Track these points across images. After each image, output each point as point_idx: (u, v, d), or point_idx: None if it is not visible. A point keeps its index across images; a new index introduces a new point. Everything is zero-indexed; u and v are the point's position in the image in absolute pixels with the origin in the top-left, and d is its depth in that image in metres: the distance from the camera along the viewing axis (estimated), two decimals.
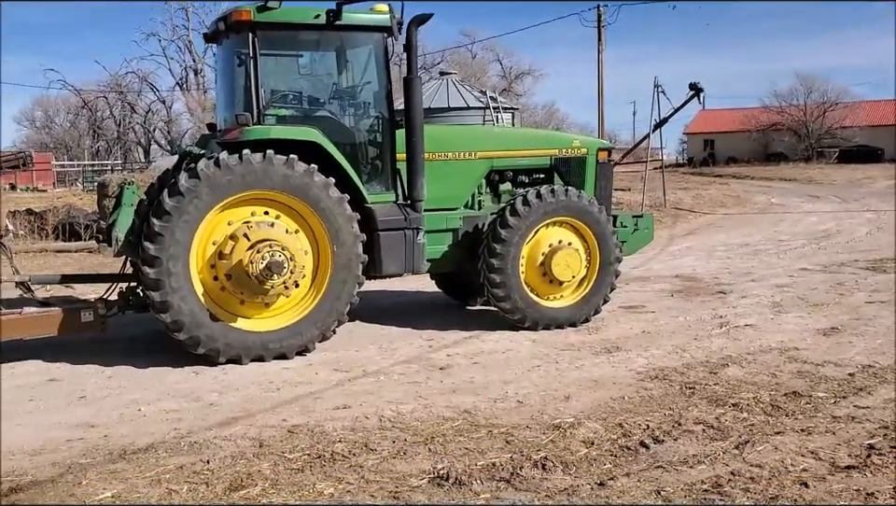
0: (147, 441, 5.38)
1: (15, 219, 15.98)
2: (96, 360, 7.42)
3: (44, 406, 6.24)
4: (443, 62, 49.94)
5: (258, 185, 7.28)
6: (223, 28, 7.84)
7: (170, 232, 7.01)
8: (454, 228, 8.46)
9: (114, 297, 7.88)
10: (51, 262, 13.45)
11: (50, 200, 26.22)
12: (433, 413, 5.89)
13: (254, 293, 7.32)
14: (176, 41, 56.26)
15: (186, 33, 55.91)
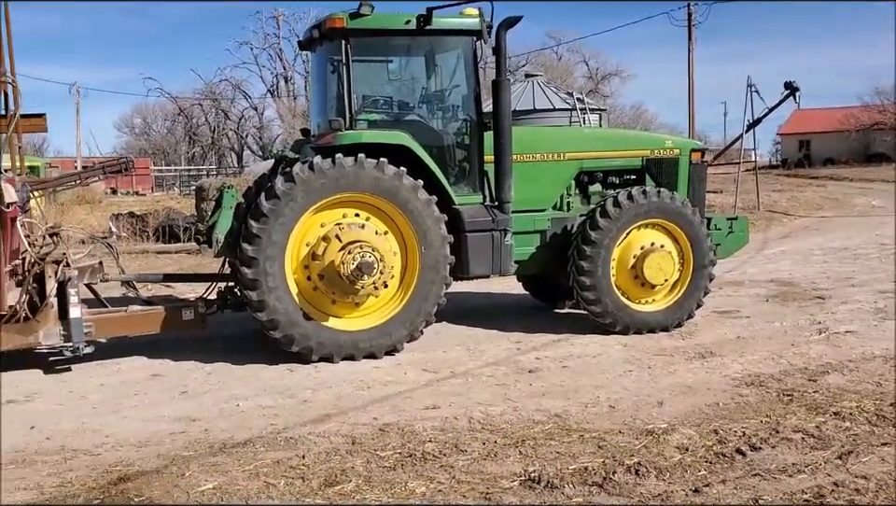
0: (246, 435, 5.56)
1: (118, 222, 16.74)
2: (197, 357, 7.71)
3: (148, 400, 6.52)
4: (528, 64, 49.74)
5: (349, 188, 7.44)
6: (317, 35, 8.05)
7: (267, 234, 7.23)
8: (542, 229, 8.43)
9: (213, 296, 8.17)
10: (153, 263, 14.04)
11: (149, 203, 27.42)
12: (523, 416, 5.88)
13: (345, 293, 7.47)
14: (268, 49, 57.91)
15: (277, 41, 57.49)
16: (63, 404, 6.45)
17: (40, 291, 7.25)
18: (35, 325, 7.16)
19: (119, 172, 17.15)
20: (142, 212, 18.90)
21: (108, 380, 7.12)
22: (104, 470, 4.99)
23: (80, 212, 20.20)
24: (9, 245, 7.08)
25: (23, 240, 7.32)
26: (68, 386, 6.94)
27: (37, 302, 7.23)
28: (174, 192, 44.62)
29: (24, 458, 5.24)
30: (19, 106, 7.40)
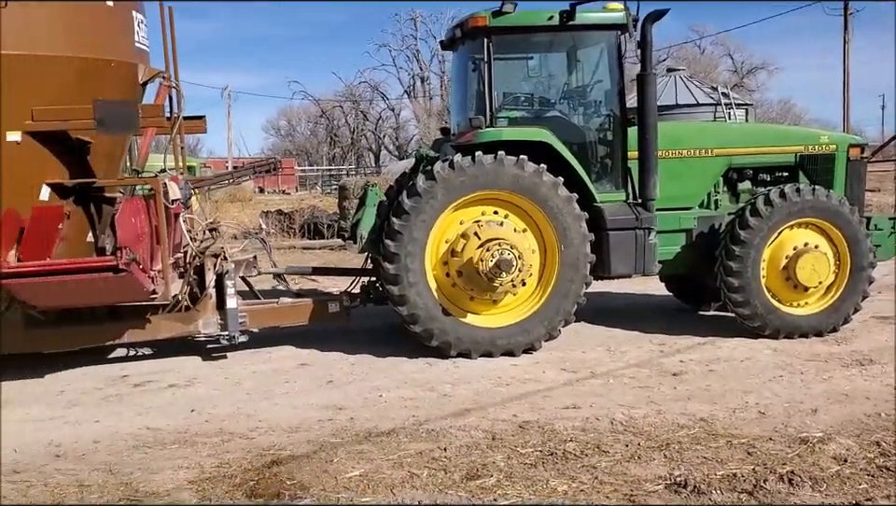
0: (389, 425, 5.71)
1: (267, 219, 17.58)
2: (341, 348, 7.99)
3: (297, 388, 6.81)
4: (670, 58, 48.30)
5: (489, 185, 7.48)
6: (459, 35, 8.14)
7: (408, 231, 7.38)
8: (687, 228, 8.17)
9: (356, 290, 8.44)
10: (298, 258, 14.67)
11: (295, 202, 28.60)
12: (667, 419, 5.72)
13: (483, 290, 7.52)
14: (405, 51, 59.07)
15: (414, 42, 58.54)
16: (219, 389, 6.84)
17: (200, 283, 7.72)
18: (196, 314, 7.63)
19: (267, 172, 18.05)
20: (288, 210, 19.78)
21: (260, 368, 7.50)
22: (258, 453, 5.26)
23: (232, 209, 21.39)
24: (173, 238, 7.58)
25: (185, 234, 7.81)
26: (224, 373, 7.35)
27: (197, 292, 7.70)
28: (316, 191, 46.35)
29: (186, 439, 5.60)
30: (182, 110, 7.83)
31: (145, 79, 7.79)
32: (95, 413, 6.29)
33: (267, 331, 8.23)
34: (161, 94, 7.88)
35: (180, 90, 8.13)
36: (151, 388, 6.94)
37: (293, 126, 72.63)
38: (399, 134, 61.74)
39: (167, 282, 7.10)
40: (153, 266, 6.99)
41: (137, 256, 6.46)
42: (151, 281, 6.77)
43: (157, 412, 6.24)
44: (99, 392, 6.88)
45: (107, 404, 6.52)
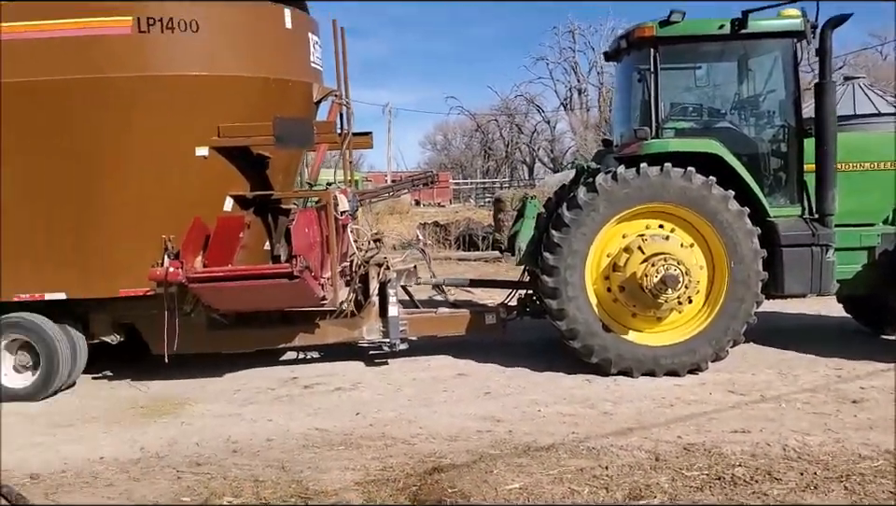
0: (548, 440, 5.67)
1: (424, 231, 17.98)
2: (498, 360, 8.02)
3: (455, 397, 6.90)
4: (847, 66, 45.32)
5: (654, 198, 7.30)
6: (624, 46, 8.01)
7: (568, 244, 7.32)
8: (869, 246, 7.60)
9: (513, 303, 8.46)
10: (454, 269, 14.89)
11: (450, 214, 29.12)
12: (846, 448, 5.35)
13: (646, 307, 7.33)
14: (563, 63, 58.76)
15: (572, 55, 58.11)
16: (382, 394, 7.05)
17: (364, 291, 8.01)
18: (360, 321, 7.92)
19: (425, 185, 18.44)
20: (444, 222, 20.15)
21: (420, 375, 7.66)
22: (419, 459, 5.37)
23: (391, 221, 22.04)
24: (341, 248, 7.91)
25: (352, 244, 8.13)
26: (386, 379, 7.57)
27: (362, 300, 7.99)
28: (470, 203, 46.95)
29: (351, 441, 5.81)
30: (351, 126, 8.18)
31: (318, 98, 8.21)
32: (269, 411, 6.65)
33: (425, 340, 8.41)
34: (333, 112, 8.26)
35: (350, 107, 8.50)
36: (319, 390, 7.25)
37: (449, 140, 74.01)
38: (555, 147, 61.40)
39: (335, 289, 7.42)
40: (323, 274, 7.32)
41: (310, 264, 6.79)
42: (321, 288, 7.09)
43: (324, 413, 6.52)
44: (272, 392, 7.27)
45: (279, 404, 6.88)
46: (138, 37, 6.77)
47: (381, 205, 25.22)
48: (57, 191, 7.02)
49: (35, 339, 7.27)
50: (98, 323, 7.75)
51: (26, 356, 7.41)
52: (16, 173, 6.96)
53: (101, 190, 7.02)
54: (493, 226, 18.05)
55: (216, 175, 7.33)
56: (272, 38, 7.47)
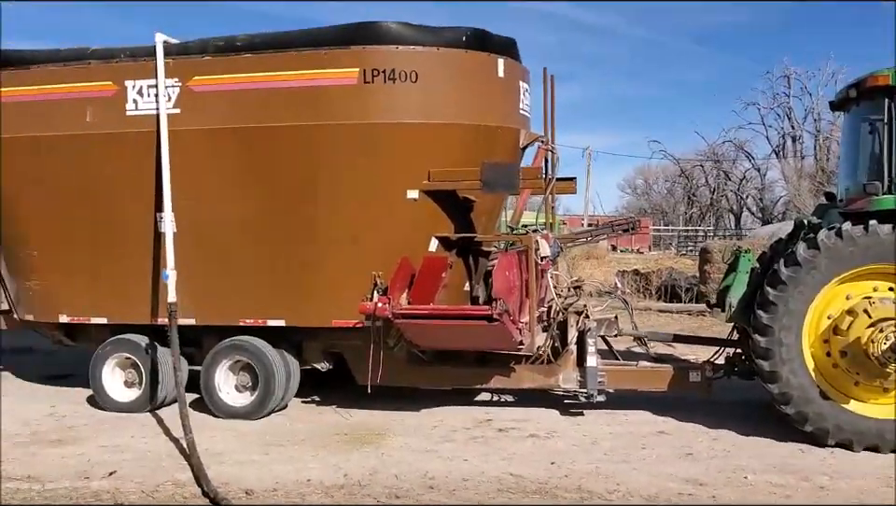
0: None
1: (623, 279, 17.60)
2: (701, 420, 7.64)
3: (655, 456, 6.64)
4: None
5: (883, 258, 6.73)
6: (854, 95, 7.48)
7: (784, 302, 6.88)
8: None
9: (720, 361, 8.05)
10: (654, 321, 14.43)
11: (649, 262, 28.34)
12: None
13: (872, 375, 6.72)
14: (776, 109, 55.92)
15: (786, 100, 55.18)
16: (577, 445, 6.93)
17: (562, 338, 7.95)
18: (556, 368, 7.86)
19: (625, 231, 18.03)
20: (645, 270, 19.63)
21: (617, 429, 7.46)
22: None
23: (588, 266, 21.76)
24: (539, 293, 7.92)
25: (551, 290, 8.12)
26: (582, 430, 7.44)
27: (559, 347, 7.93)
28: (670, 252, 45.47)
29: (546, 490, 5.76)
30: (556, 172, 8.23)
31: (525, 143, 8.34)
32: (464, 451, 6.74)
33: (623, 393, 8.18)
34: (538, 157, 8.37)
35: (556, 153, 8.57)
36: (513, 435, 7.26)
37: (650, 185, 72.35)
38: (764, 196, 58.27)
39: (533, 334, 7.43)
40: (521, 318, 7.37)
41: (509, 307, 6.86)
42: (519, 332, 7.13)
43: (519, 459, 6.50)
44: (467, 432, 7.37)
45: (475, 445, 6.95)
46: (363, 88, 7.24)
47: (577, 250, 24.99)
48: (281, 228, 7.61)
49: (256, 361, 7.87)
50: (310, 350, 8.27)
51: (246, 376, 8.04)
52: (247, 210, 7.63)
53: (320, 228, 7.52)
54: (698, 277, 17.32)
55: (424, 216, 7.63)
56: (484, 87, 7.70)
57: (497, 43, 7.78)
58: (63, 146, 7.93)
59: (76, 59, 7.94)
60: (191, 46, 7.71)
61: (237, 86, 7.49)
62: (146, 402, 8.18)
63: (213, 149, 7.59)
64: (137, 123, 7.72)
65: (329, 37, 7.37)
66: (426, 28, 7.43)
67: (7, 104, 8.05)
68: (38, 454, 6.77)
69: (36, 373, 10.17)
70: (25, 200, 8.24)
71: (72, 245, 8.19)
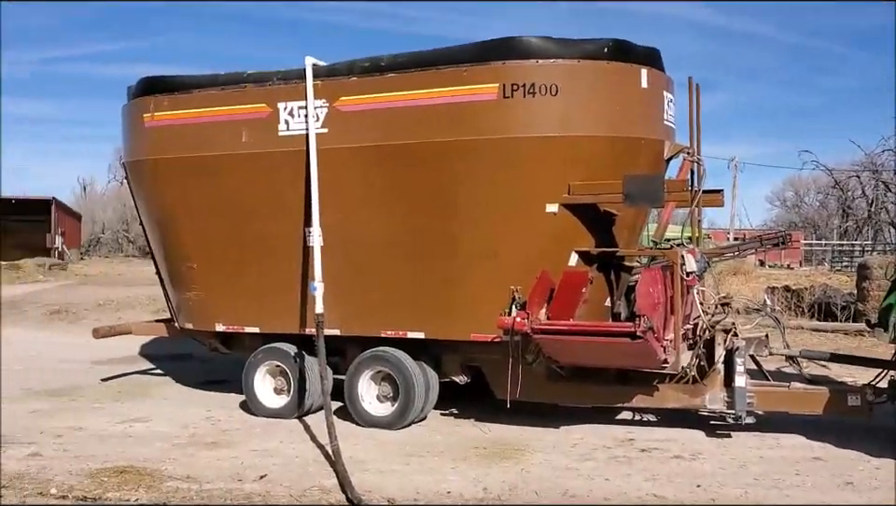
0: None
1: (773, 295, 16.74)
2: (860, 447, 7.13)
3: (810, 483, 6.26)
4: None
5: None
6: None
7: None
8: None
9: (883, 384, 7.50)
10: (806, 340, 13.62)
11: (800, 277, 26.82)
12: None
13: None
14: None
15: None
16: (724, 469, 6.64)
17: (709, 357, 7.64)
18: (702, 388, 7.57)
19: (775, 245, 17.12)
20: (796, 287, 18.58)
21: (768, 454, 7.08)
22: None
23: (734, 282, 20.84)
24: (685, 310, 7.66)
25: (698, 307, 7.83)
26: (729, 452, 7.12)
27: (705, 366, 7.63)
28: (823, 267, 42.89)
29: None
30: (702, 184, 7.95)
31: (669, 155, 8.12)
32: (605, 470, 6.60)
33: (774, 415, 7.77)
34: (684, 169, 8.12)
35: (702, 164, 8.29)
36: (657, 456, 7.04)
37: (800, 197, 68.65)
38: None
39: (678, 352, 7.19)
40: (665, 335, 7.14)
41: (653, 324, 6.67)
42: (664, 350, 6.92)
43: (663, 480, 6.30)
44: (608, 451, 7.21)
45: (616, 464, 6.79)
46: (503, 103, 7.28)
47: (723, 265, 23.96)
48: (422, 242, 7.75)
49: (396, 372, 8.04)
50: (449, 363, 8.36)
51: (388, 387, 8.22)
52: (390, 225, 7.83)
53: (461, 241, 7.61)
54: (855, 295, 16.21)
55: (563, 230, 7.57)
56: (627, 98, 7.57)
57: (639, 53, 7.64)
58: (221, 165, 8.44)
59: (233, 83, 8.43)
60: (339, 67, 8.02)
61: (381, 105, 7.72)
62: (294, 409, 8.53)
63: (358, 167, 7.85)
64: (288, 143, 8.11)
65: (469, 54, 7.47)
66: (566, 41, 7.39)
67: (171, 126, 8.67)
68: (196, 455, 7.18)
69: (194, 379, 10.83)
70: (185, 216, 8.83)
71: (227, 259, 8.69)
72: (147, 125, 8.82)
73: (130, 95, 9.22)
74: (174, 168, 8.71)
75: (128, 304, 19.72)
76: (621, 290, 8.39)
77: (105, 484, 6.30)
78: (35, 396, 9.92)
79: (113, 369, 11.79)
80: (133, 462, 6.90)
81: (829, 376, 9.43)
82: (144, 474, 6.55)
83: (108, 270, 37.18)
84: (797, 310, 16.39)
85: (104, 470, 6.65)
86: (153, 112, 8.76)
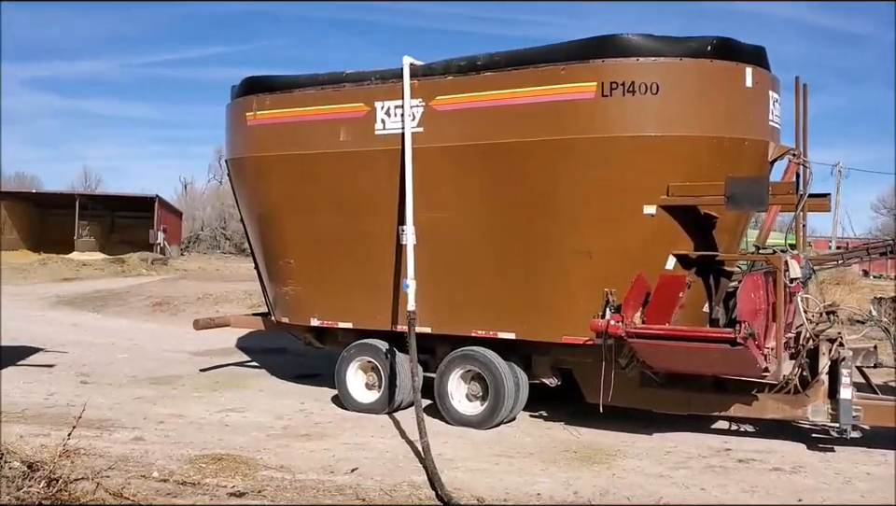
0: None
1: (881, 306, 15.94)
2: None
3: None
4: None
5: None
6: None
7: None
8: None
9: None
10: None
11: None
12: None
13: None
14: None
15: None
16: (827, 484, 6.34)
17: (812, 367, 7.33)
18: (804, 399, 7.26)
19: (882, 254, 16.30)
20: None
21: (875, 470, 6.73)
22: None
23: (838, 292, 19.97)
24: (787, 317, 7.37)
25: (801, 315, 7.52)
26: (832, 467, 6.80)
27: (808, 377, 7.32)
28: None
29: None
30: (808, 187, 7.64)
31: (774, 157, 7.83)
32: (700, 480, 6.41)
33: (882, 430, 7.39)
34: (789, 171, 7.83)
35: (808, 167, 7.97)
36: (755, 467, 6.79)
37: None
38: None
39: (779, 361, 6.93)
40: (766, 343, 6.89)
41: (754, 331, 6.45)
42: (764, 358, 6.68)
43: (762, 493, 6.07)
44: (703, 460, 7.00)
45: (712, 474, 6.59)
46: (601, 101, 7.16)
47: (824, 274, 22.99)
48: (516, 242, 7.71)
49: (486, 372, 8.02)
50: (539, 365, 8.29)
51: (477, 386, 8.22)
52: (483, 224, 7.81)
53: (555, 241, 7.52)
54: None
55: (660, 232, 7.39)
56: (730, 97, 7.34)
57: (744, 51, 7.39)
58: (320, 163, 8.61)
59: (332, 83, 8.59)
60: (435, 67, 8.06)
61: (477, 104, 7.72)
62: (384, 404, 8.63)
63: (453, 166, 7.87)
64: (384, 142, 8.20)
65: (567, 52, 7.38)
66: (668, 38, 7.22)
67: (273, 125, 8.90)
68: (289, 446, 7.34)
69: (288, 372, 11.09)
70: (284, 213, 9.05)
71: (323, 255, 8.86)
72: (250, 123, 9.08)
73: (233, 95, 9.52)
74: (274, 165, 8.94)
75: (225, 298, 20.40)
76: (720, 296, 8.15)
77: (203, 470, 6.50)
78: (138, 383, 10.36)
79: (211, 360, 12.20)
80: (230, 450, 7.11)
81: None
82: (240, 462, 6.73)
83: (206, 265, 38.57)
84: None
85: (202, 457, 6.87)
86: (255, 111, 9.01)
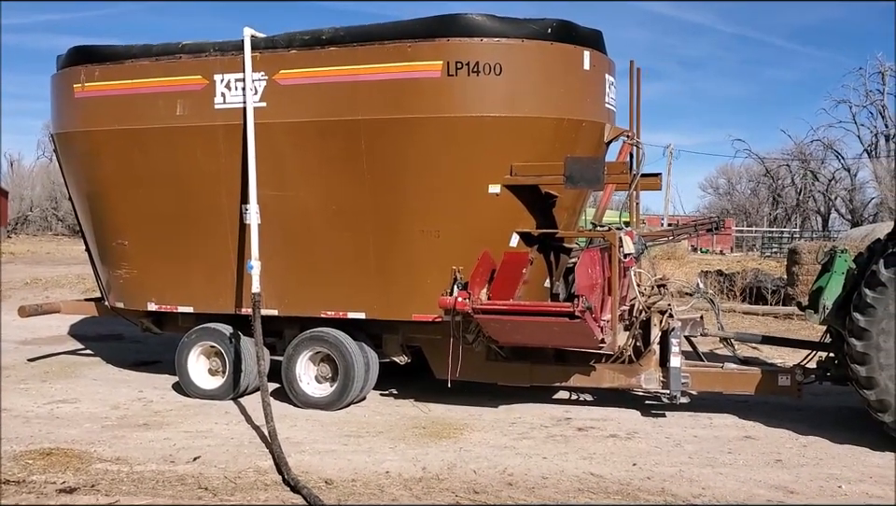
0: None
1: (706, 279, 17.13)
2: (790, 426, 7.34)
3: (741, 461, 6.41)
4: None
5: None
6: None
7: (884, 305, 6.54)
8: None
9: (811, 365, 7.72)
10: (738, 323, 13.99)
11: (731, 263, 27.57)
12: None
13: None
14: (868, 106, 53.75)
15: (880, 98, 52.96)
16: (659, 447, 6.75)
17: (645, 337, 7.75)
18: (638, 368, 7.67)
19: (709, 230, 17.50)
20: (728, 271, 19.04)
21: (701, 433, 7.23)
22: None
23: (668, 266, 21.26)
24: (622, 291, 7.74)
25: (635, 288, 7.93)
26: (664, 432, 7.24)
27: (641, 347, 7.74)
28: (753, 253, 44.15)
29: (629, 492, 5.62)
30: (640, 167, 8.03)
31: (609, 138, 8.17)
32: (543, 449, 6.64)
33: (707, 396, 7.95)
34: (623, 152, 8.18)
35: (641, 148, 8.37)
36: (593, 435, 7.12)
37: (732, 185, 70.43)
38: (854, 197, 56.05)
39: (615, 333, 7.27)
40: (603, 316, 7.22)
41: (591, 304, 6.72)
42: (601, 330, 6.99)
43: (600, 459, 6.37)
44: (545, 429, 7.26)
45: (553, 443, 6.85)
46: (447, 81, 7.19)
47: (657, 250, 24.44)
48: (365, 220, 7.63)
49: (336, 353, 7.93)
50: (390, 343, 8.29)
51: (326, 368, 8.12)
52: (329, 203, 7.68)
53: (403, 221, 7.52)
54: (785, 279, 16.71)
55: (504, 211, 7.55)
56: (569, 79, 7.56)
57: (582, 35, 7.63)
58: (154, 138, 8.15)
59: (167, 54, 8.13)
60: (278, 40, 7.79)
61: (322, 79, 7.55)
62: (229, 390, 8.36)
63: (298, 142, 7.68)
64: (224, 116, 7.87)
65: (414, 30, 7.33)
66: (510, 20, 7.33)
67: (101, 98, 8.33)
68: (126, 437, 6.97)
69: (125, 360, 10.53)
70: (116, 191, 8.51)
71: (160, 236, 8.42)
72: (78, 96, 8.45)
73: (59, 65, 8.83)
74: (105, 140, 8.38)
75: (56, 283, 19.11)
76: (560, 271, 8.45)
77: (29, 467, 6.07)
78: None
79: (40, 349, 11.39)
80: (61, 444, 6.68)
81: (759, 358, 9.72)
82: (71, 456, 6.34)
83: (36, 248, 35.99)
84: (729, 294, 16.82)
85: (28, 453, 6.41)
86: (84, 82, 8.40)
